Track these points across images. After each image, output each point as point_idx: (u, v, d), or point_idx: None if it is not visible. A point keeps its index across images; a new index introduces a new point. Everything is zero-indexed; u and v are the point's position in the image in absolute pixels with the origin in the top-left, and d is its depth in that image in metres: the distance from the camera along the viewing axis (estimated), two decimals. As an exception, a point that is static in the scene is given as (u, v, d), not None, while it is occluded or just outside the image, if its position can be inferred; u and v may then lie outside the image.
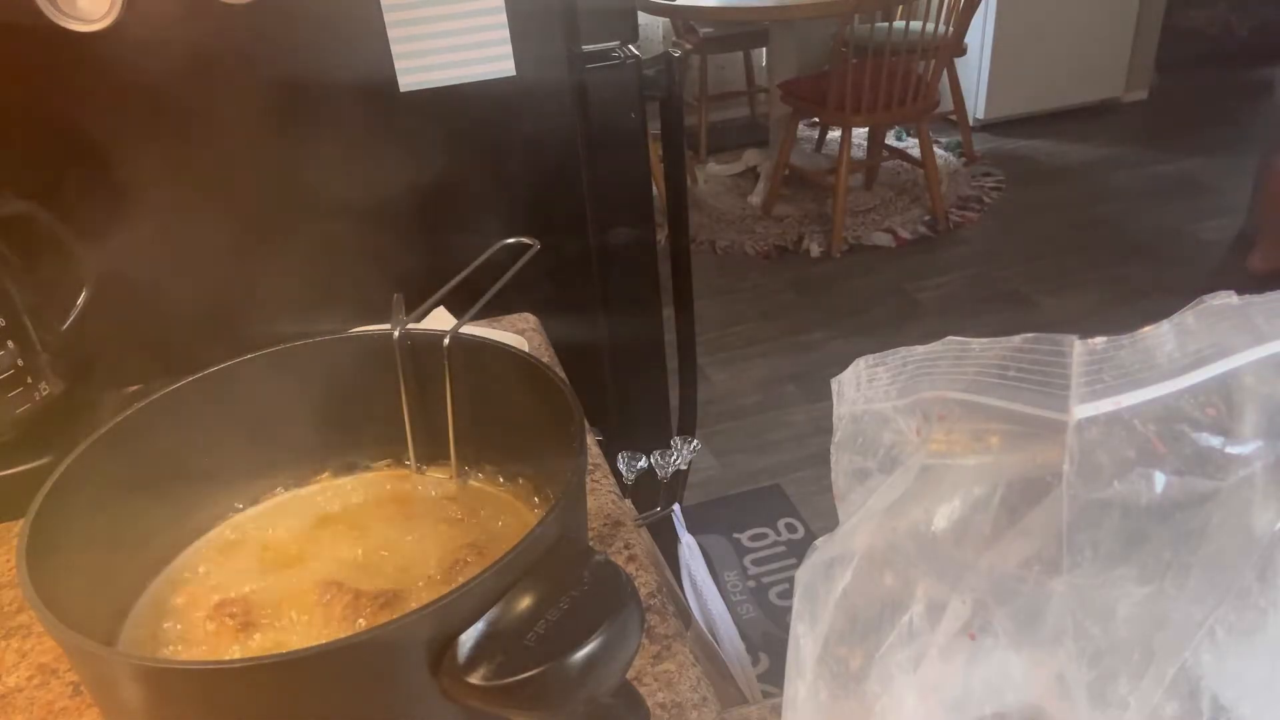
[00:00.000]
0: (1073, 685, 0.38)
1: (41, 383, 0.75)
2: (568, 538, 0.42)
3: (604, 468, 0.75)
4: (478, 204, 1.06)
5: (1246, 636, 0.37)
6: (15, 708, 0.57)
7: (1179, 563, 0.37)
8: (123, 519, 0.51)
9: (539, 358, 0.60)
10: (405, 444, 0.60)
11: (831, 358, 2.76)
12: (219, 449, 0.56)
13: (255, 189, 1.00)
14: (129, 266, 0.95)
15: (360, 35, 0.94)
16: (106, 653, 0.42)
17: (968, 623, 0.39)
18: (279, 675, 0.38)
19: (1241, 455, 0.36)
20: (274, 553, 0.55)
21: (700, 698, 0.55)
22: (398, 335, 0.57)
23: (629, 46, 1.07)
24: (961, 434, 0.40)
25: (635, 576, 0.63)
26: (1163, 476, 0.37)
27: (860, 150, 3.92)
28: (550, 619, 0.38)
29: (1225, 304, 0.38)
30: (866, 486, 0.43)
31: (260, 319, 0.85)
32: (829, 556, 0.42)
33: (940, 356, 0.42)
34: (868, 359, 0.45)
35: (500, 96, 1.01)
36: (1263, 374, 0.36)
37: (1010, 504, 0.39)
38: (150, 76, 0.91)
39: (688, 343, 1.34)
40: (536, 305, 0.96)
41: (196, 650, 0.48)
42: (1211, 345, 0.37)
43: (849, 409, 0.45)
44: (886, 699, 0.40)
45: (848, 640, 0.41)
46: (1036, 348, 0.38)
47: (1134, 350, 0.37)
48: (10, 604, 0.66)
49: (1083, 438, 0.36)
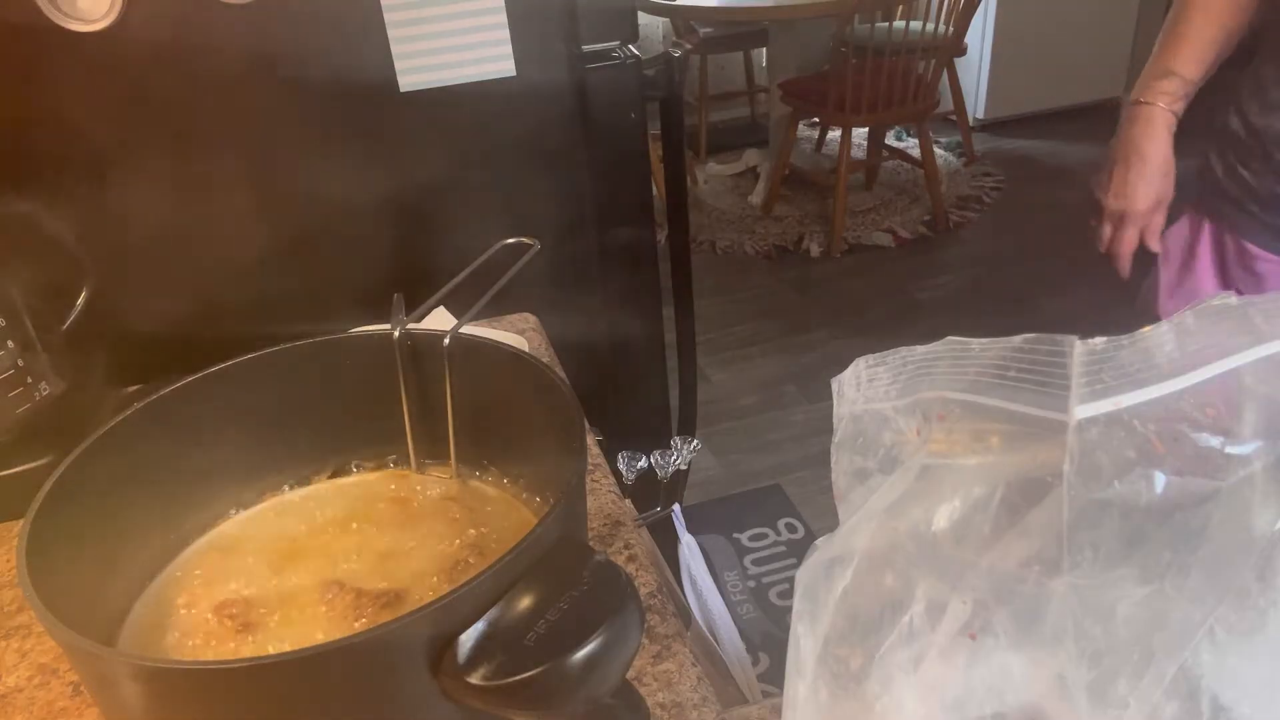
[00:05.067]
0: (1073, 685, 0.38)
1: (41, 383, 0.75)
2: (568, 538, 0.42)
3: (604, 468, 0.75)
4: (478, 204, 1.06)
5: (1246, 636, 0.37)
6: (15, 708, 0.57)
7: (1179, 563, 0.37)
8: (123, 519, 0.51)
9: (539, 358, 0.60)
10: (405, 444, 0.60)
11: (831, 358, 2.76)
12: (219, 449, 0.56)
13: (255, 189, 1.00)
14: (129, 266, 0.96)
15: (360, 35, 0.94)
16: (106, 653, 0.42)
17: (968, 623, 0.39)
18: (279, 675, 0.38)
19: (1241, 455, 0.36)
20: (274, 553, 0.55)
21: (700, 698, 0.55)
22: (398, 335, 0.57)
23: (629, 46, 1.07)
24: (961, 434, 0.40)
25: (635, 576, 0.63)
26: (1163, 476, 0.37)
27: (860, 150, 3.92)
28: (550, 619, 0.38)
29: (1225, 304, 0.38)
30: (866, 486, 0.43)
31: (260, 319, 0.85)
32: (829, 556, 0.42)
33: (940, 356, 0.42)
34: (868, 359, 0.45)
35: (500, 96, 1.01)
36: (1263, 374, 0.36)
37: (1010, 504, 0.39)
38: (150, 76, 0.91)
39: (688, 343, 1.34)
40: (536, 305, 0.96)
41: (197, 651, 0.48)
42: (1211, 345, 0.37)
43: (849, 409, 0.45)
44: (886, 699, 0.40)
45: (848, 640, 0.41)
46: (1036, 348, 0.38)
47: (1134, 350, 0.37)
48: (10, 604, 0.66)
49: (1083, 438, 0.36)
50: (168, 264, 0.99)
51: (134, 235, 0.97)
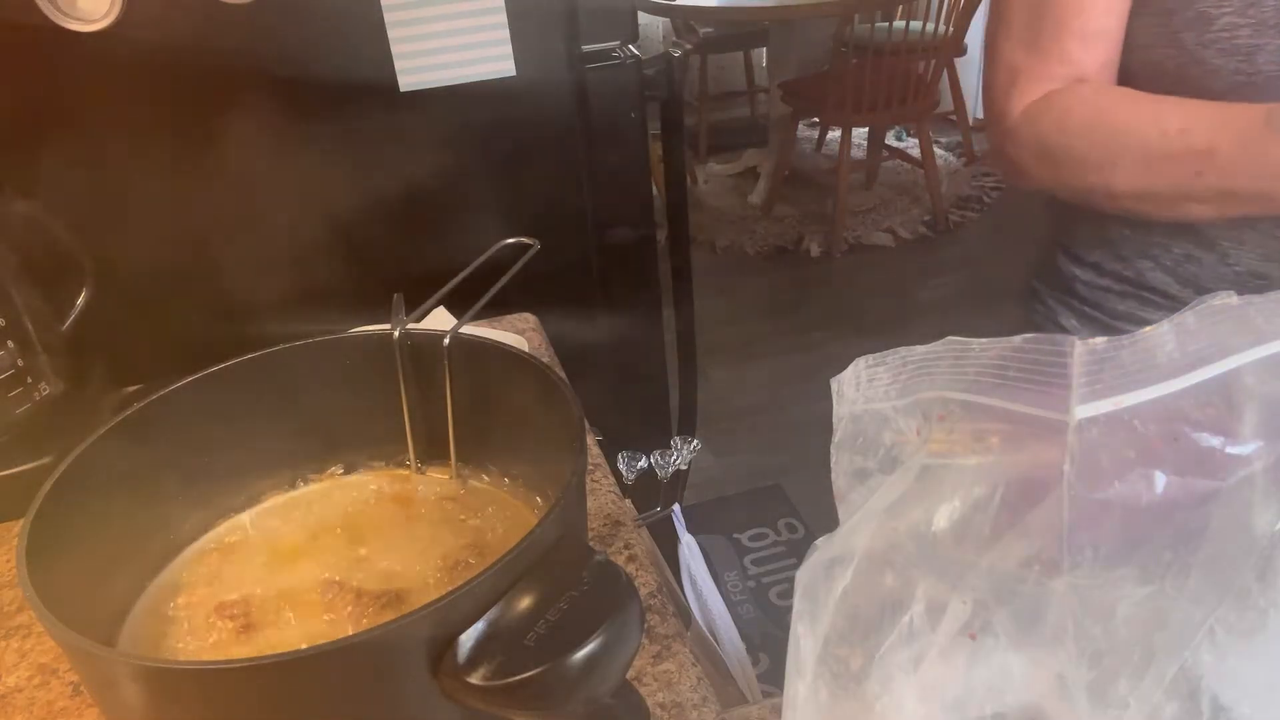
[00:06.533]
0: (1073, 685, 0.38)
1: (41, 383, 0.75)
2: (568, 538, 0.42)
3: (604, 468, 0.75)
4: (478, 204, 1.06)
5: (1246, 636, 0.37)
6: (15, 708, 0.57)
7: (1179, 563, 0.37)
8: (123, 519, 0.51)
9: (539, 358, 0.60)
10: (405, 444, 0.60)
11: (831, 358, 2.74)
12: (219, 449, 0.56)
13: (255, 189, 1.00)
14: (129, 266, 0.95)
15: (360, 35, 0.94)
16: (106, 653, 0.42)
17: (968, 623, 0.39)
18: (279, 675, 0.38)
19: (1241, 455, 0.36)
20: (274, 553, 0.55)
21: (700, 698, 0.55)
22: (398, 335, 0.57)
23: (629, 46, 1.07)
24: (961, 434, 0.40)
25: (635, 576, 0.63)
26: (1163, 476, 0.37)
27: (860, 150, 3.92)
28: (550, 619, 0.38)
29: (1225, 304, 0.38)
30: (866, 486, 0.43)
31: (260, 319, 0.85)
32: (829, 556, 0.42)
33: (940, 356, 0.42)
34: (868, 359, 0.45)
35: (500, 96, 1.01)
36: (1263, 374, 0.36)
37: (1010, 504, 0.39)
38: (150, 76, 0.91)
39: (688, 343, 1.34)
40: (536, 305, 0.96)
41: (197, 650, 0.48)
42: (1211, 345, 0.37)
43: (849, 409, 0.45)
44: (886, 699, 0.40)
45: (848, 640, 0.41)
46: (1036, 348, 0.38)
47: (1134, 350, 0.37)
48: (10, 604, 0.66)
49: (1083, 438, 0.36)
50: (168, 264, 0.99)
51: (134, 235, 0.97)
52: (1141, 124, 0.68)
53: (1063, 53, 0.72)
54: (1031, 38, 0.74)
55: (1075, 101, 0.72)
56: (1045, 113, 0.73)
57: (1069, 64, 0.73)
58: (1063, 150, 0.72)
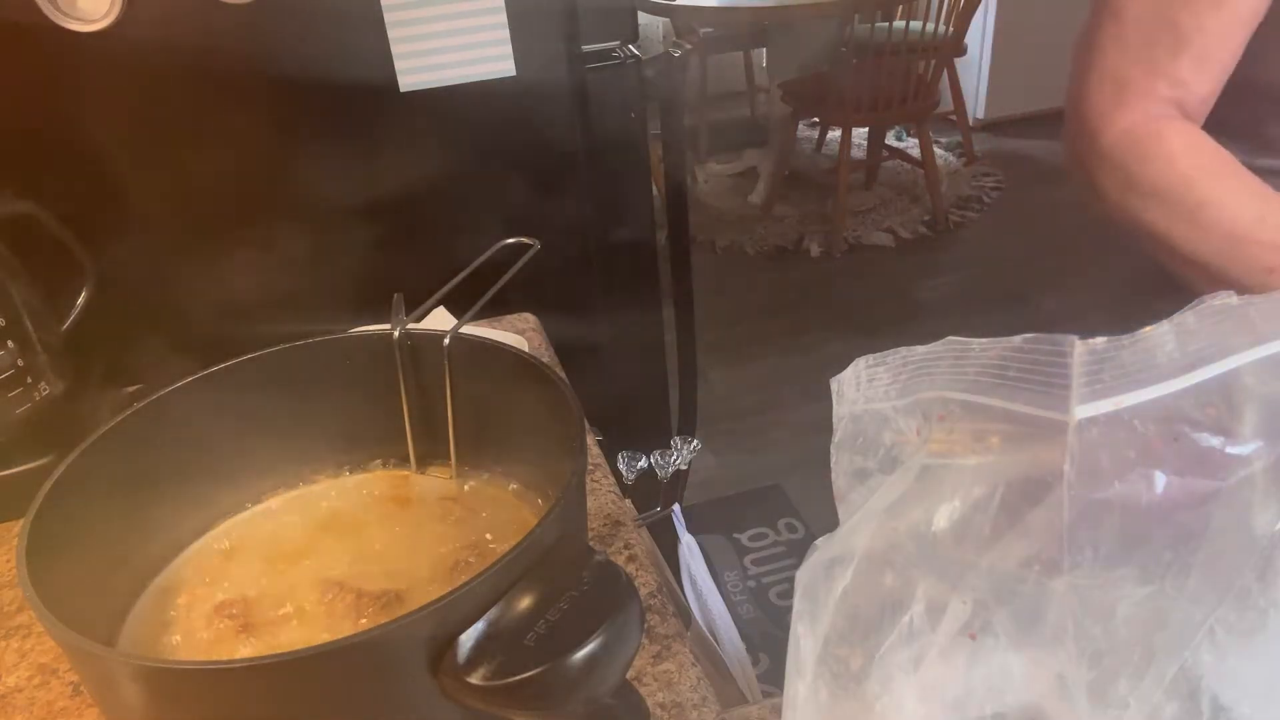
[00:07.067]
0: (1073, 685, 0.38)
1: (41, 383, 0.75)
2: (568, 538, 0.42)
3: (604, 468, 0.75)
4: (478, 204, 1.06)
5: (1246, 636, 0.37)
6: (15, 708, 0.57)
7: (1179, 563, 0.37)
8: (122, 519, 0.51)
9: (539, 358, 0.60)
10: (405, 444, 0.60)
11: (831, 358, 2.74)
12: (219, 449, 0.56)
13: (255, 189, 1.00)
14: (129, 266, 0.95)
15: (360, 35, 0.94)
16: (106, 653, 0.42)
17: (968, 623, 0.39)
18: (279, 675, 0.38)
19: (1241, 455, 0.36)
20: (274, 553, 0.55)
21: (700, 698, 0.55)
22: (398, 335, 0.57)
23: (629, 46, 1.07)
24: (961, 434, 0.40)
25: (635, 576, 0.63)
26: (1163, 476, 0.37)
27: (860, 150, 3.92)
28: (550, 619, 0.38)
29: (1225, 304, 0.38)
30: (866, 486, 0.43)
31: (260, 319, 0.85)
32: (829, 556, 0.42)
33: (940, 356, 0.42)
34: (868, 359, 0.45)
35: (500, 96, 1.01)
36: (1263, 374, 0.36)
37: (1010, 504, 0.39)
38: (150, 76, 0.91)
39: (688, 343, 1.34)
40: (536, 305, 0.96)
41: (197, 650, 0.48)
42: (1211, 345, 0.37)
43: (849, 409, 0.45)
44: (886, 699, 0.40)
45: (848, 640, 0.41)
46: (1036, 348, 0.38)
47: (1134, 350, 0.37)
48: (10, 604, 0.66)
49: (1083, 438, 0.36)
50: (167, 264, 0.99)
51: (134, 235, 0.97)
52: (1240, 201, 0.66)
53: (1175, 74, 0.69)
54: (1148, 52, 0.69)
55: (1181, 149, 0.68)
56: (1147, 151, 0.69)
57: (1178, 87, 0.69)
58: (1153, 197, 0.70)
